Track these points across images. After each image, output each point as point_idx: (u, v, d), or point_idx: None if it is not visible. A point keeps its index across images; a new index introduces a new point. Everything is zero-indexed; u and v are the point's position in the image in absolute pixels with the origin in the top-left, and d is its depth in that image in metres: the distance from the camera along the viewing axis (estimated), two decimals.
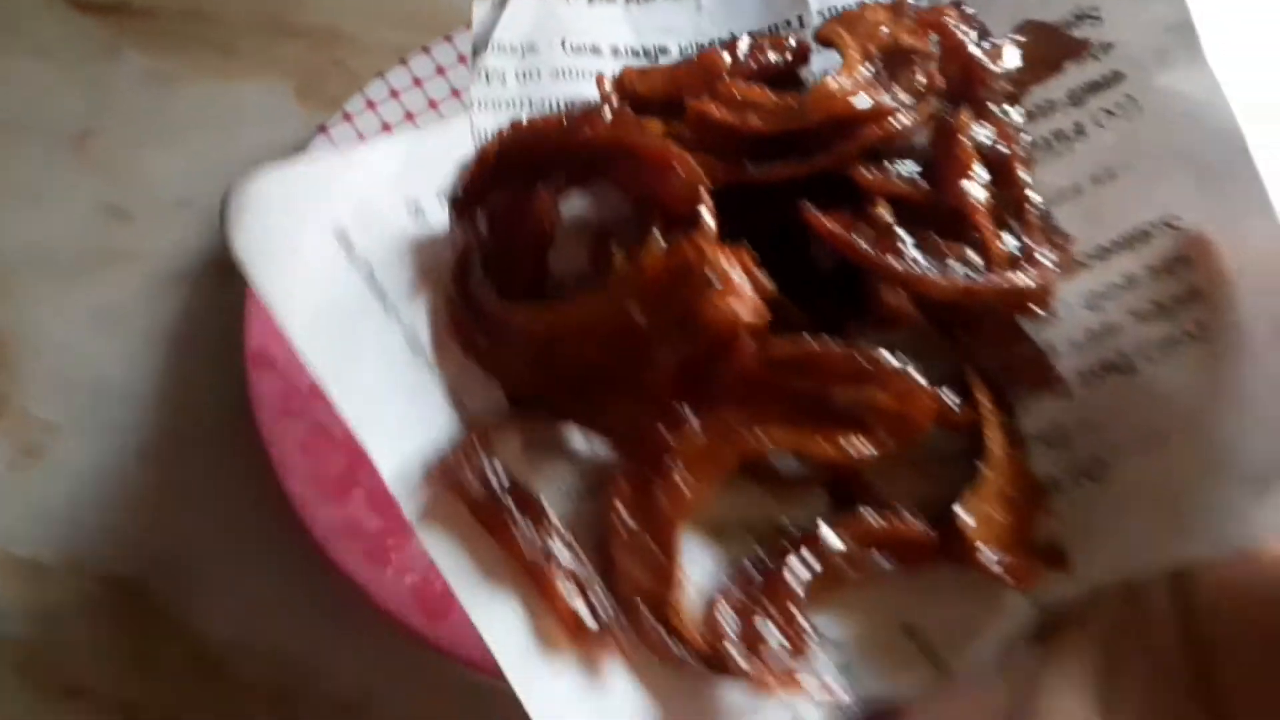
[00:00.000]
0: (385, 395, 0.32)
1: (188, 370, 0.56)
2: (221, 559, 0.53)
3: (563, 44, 0.39)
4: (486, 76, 0.38)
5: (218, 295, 0.57)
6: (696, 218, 0.31)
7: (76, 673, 0.50)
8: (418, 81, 0.57)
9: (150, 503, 0.53)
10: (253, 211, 0.32)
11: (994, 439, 0.32)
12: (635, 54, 0.40)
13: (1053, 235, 0.34)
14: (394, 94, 0.57)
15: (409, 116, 0.56)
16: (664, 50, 0.40)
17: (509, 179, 0.33)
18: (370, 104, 0.56)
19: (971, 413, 0.33)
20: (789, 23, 0.40)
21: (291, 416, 0.52)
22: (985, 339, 0.33)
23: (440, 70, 0.57)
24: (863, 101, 0.32)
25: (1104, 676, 0.31)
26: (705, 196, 0.31)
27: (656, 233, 0.30)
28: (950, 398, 0.32)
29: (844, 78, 0.34)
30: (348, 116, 0.56)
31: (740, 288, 0.29)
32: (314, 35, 0.63)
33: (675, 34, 0.40)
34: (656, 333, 0.30)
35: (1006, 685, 0.32)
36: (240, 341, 0.52)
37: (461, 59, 0.55)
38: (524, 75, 0.39)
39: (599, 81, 0.37)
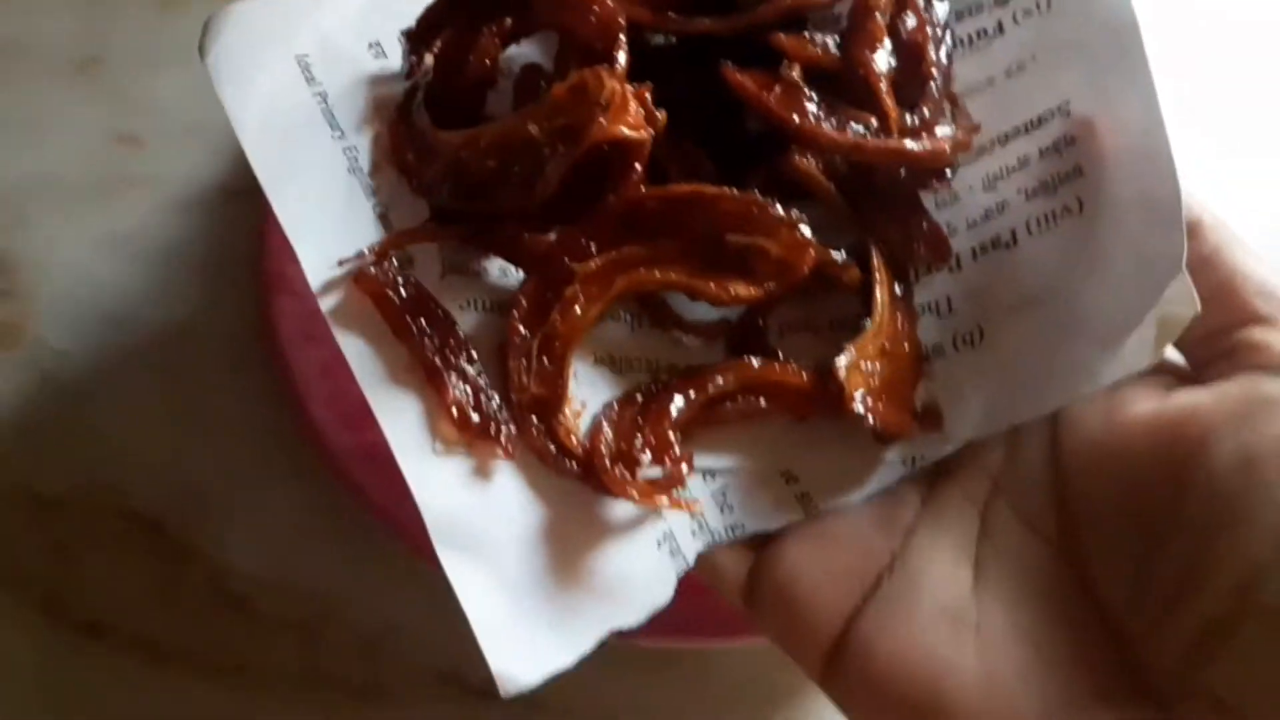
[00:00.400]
0: (320, 204, 0.34)
1: (205, 296, 0.54)
2: (242, 489, 0.51)
3: None
4: None
5: (234, 220, 0.56)
6: (612, 57, 0.33)
7: (98, 609, 0.49)
8: None
9: (168, 432, 0.52)
10: (226, 33, 0.35)
11: (882, 298, 0.34)
12: None
13: (959, 117, 0.35)
14: None
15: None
16: None
17: (459, 17, 0.36)
18: None
19: (864, 276, 0.35)
20: None
21: (312, 341, 0.50)
22: (888, 211, 0.35)
23: None
24: None
25: (977, 535, 0.33)
26: (620, 39, 0.33)
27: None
28: (842, 256, 0.34)
29: None
30: None
31: (628, 110, 0.31)
32: None
33: None
34: (548, 144, 0.32)
35: (882, 535, 0.33)
36: (258, 266, 0.52)
37: None
38: None
39: None
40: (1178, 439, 0.29)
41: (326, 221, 0.34)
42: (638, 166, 0.32)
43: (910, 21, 0.36)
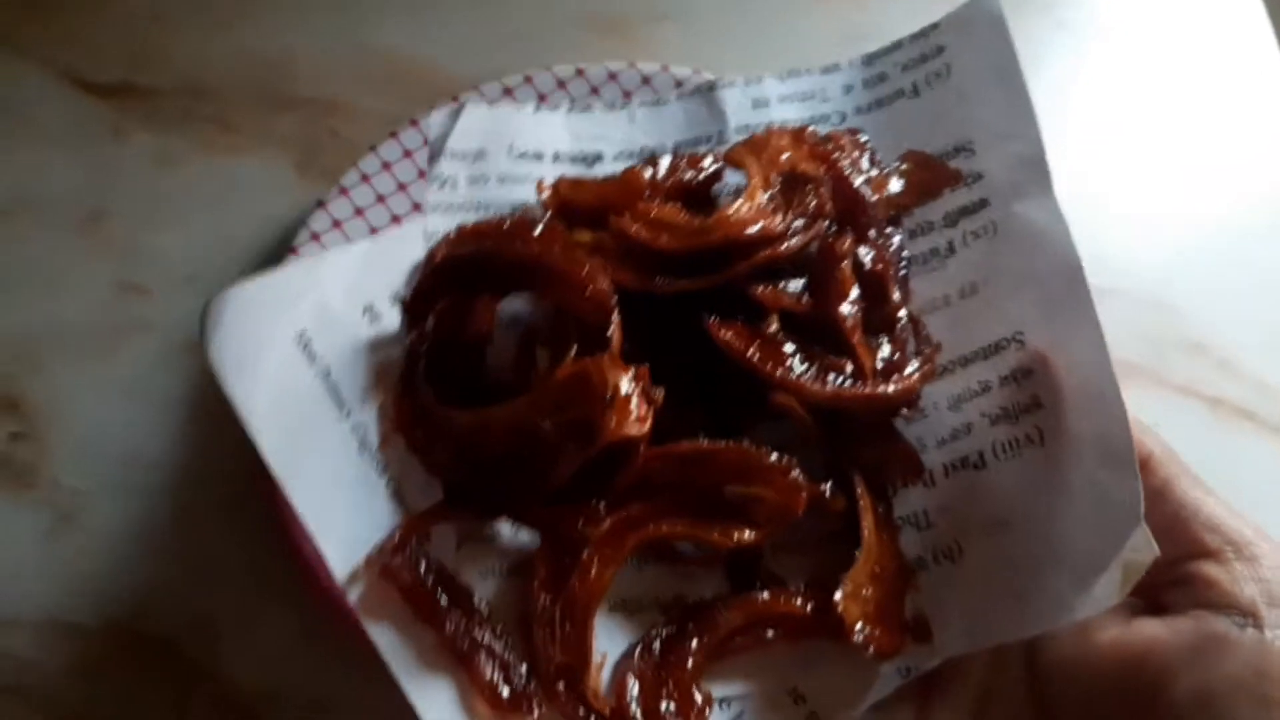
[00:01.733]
0: (335, 490, 0.35)
1: (208, 435, 0.58)
2: (247, 613, 0.54)
3: (509, 150, 0.44)
4: (440, 183, 0.43)
5: None
6: (605, 333, 0.35)
7: None
8: (408, 153, 0.59)
9: (179, 564, 0.55)
10: (225, 321, 0.35)
11: (868, 526, 0.37)
12: (573, 159, 0.45)
13: (922, 344, 0.38)
14: (386, 166, 0.59)
15: (401, 188, 0.59)
16: (599, 156, 0.45)
17: (453, 285, 0.38)
18: (365, 177, 0.59)
19: (849, 500, 0.37)
20: (710, 136, 0.45)
21: None
22: (863, 436, 0.38)
23: (427, 141, 0.57)
24: (757, 229, 0.37)
25: None
26: (614, 315, 0.35)
27: (574, 350, 0.35)
28: (830, 488, 0.37)
29: (744, 204, 0.38)
30: (344, 191, 0.59)
31: (631, 407, 0.34)
32: (308, 107, 0.66)
33: (609, 141, 0.45)
34: (560, 436, 0.34)
35: None
36: None
37: None
38: (473, 180, 0.43)
39: (538, 186, 0.42)
40: (1140, 671, 0.32)
41: (343, 508, 0.36)
42: (641, 450, 0.34)
43: (870, 256, 0.38)
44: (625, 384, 0.34)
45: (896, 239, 0.40)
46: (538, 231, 0.38)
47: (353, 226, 0.58)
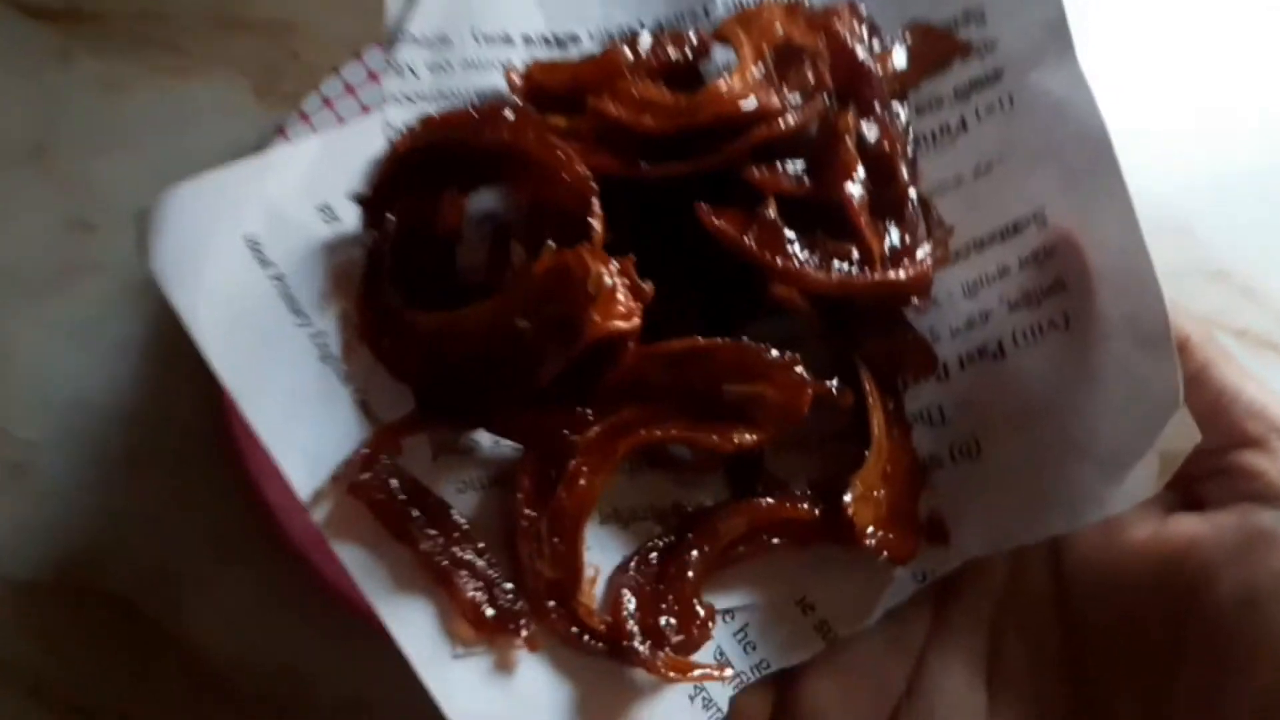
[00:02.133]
0: (296, 406, 0.33)
1: (164, 381, 0.56)
2: (210, 571, 0.53)
3: (473, 33, 0.40)
4: (399, 70, 0.39)
5: None
6: (586, 223, 0.32)
7: (82, 693, 0.51)
8: (373, 75, 0.54)
9: (137, 517, 0.54)
10: (167, 226, 0.33)
11: (877, 423, 0.34)
12: (546, 41, 0.41)
13: (933, 227, 0.35)
14: (350, 89, 0.55)
15: (366, 112, 0.54)
16: (574, 38, 0.41)
17: (416, 179, 0.34)
18: (327, 101, 0.55)
19: (857, 397, 0.35)
20: (696, 12, 0.41)
21: None
22: (871, 328, 0.35)
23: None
24: (750, 104, 0.34)
25: (988, 655, 0.34)
26: (595, 203, 0.32)
27: (550, 243, 0.32)
28: (836, 385, 0.34)
29: (735, 79, 0.35)
30: (304, 116, 0.55)
31: (617, 300, 0.31)
32: (267, 28, 0.62)
33: (585, 21, 0.41)
34: (540, 338, 0.31)
35: (896, 661, 0.34)
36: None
37: None
38: (436, 67, 0.39)
39: (507, 75, 0.38)
40: (1179, 571, 0.30)
41: (305, 424, 0.33)
42: (630, 347, 0.31)
43: (875, 133, 0.35)
44: (609, 276, 0.31)
45: (902, 115, 0.36)
46: (508, 118, 0.35)
47: None
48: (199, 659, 0.52)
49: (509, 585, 0.33)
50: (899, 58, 0.37)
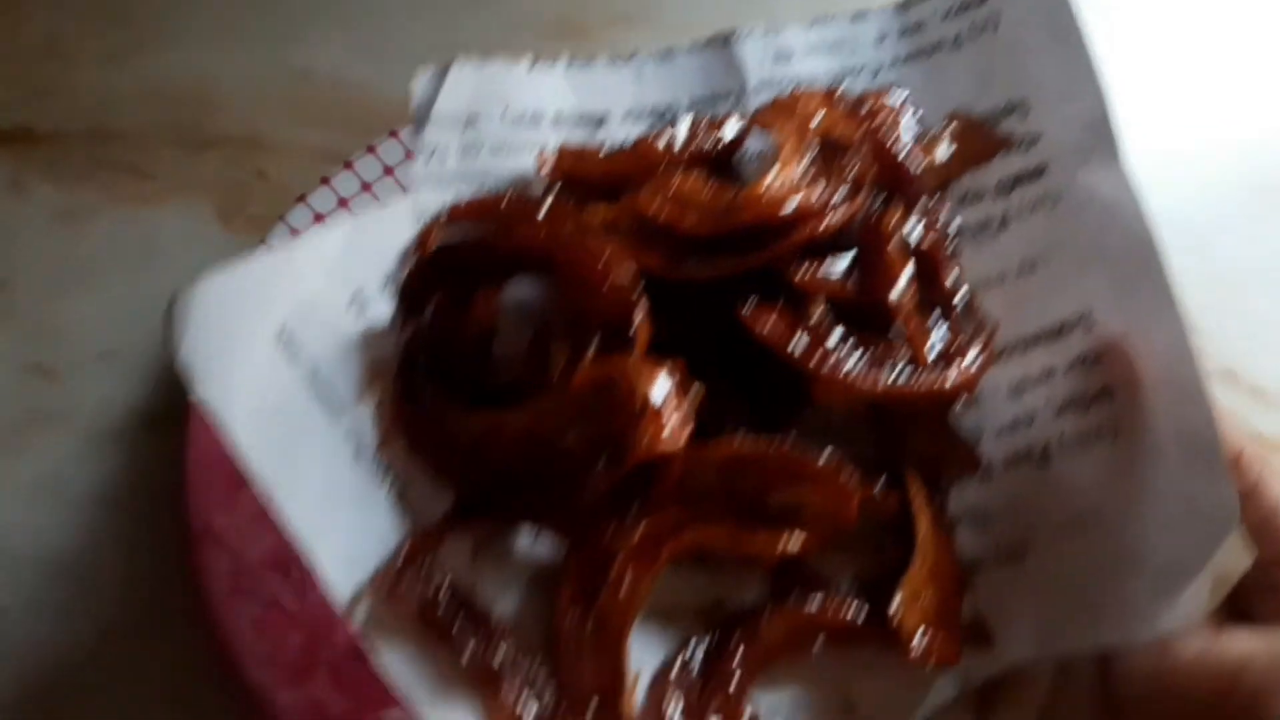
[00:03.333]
0: (330, 503, 0.32)
1: (133, 537, 0.53)
2: None
3: (504, 113, 0.40)
4: (428, 153, 0.39)
5: (154, 452, 0.54)
6: (628, 331, 0.32)
7: None
8: (343, 202, 0.53)
9: (108, 688, 0.50)
10: (194, 319, 0.32)
11: (922, 526, 0.34)
12: (576, 121, 0.41)
13: (978, 324, 0.35)
14: (318, 218, 0.54)
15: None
16: (604, 116, 0.41)
17: (449, 275, 0.34)
18: (294, 232, 0.53)
19: (901, 497, 0.34)
20: (731, 91, 0.41)
21: (242, 595, 0.49)
22: (915, 429, 0.35)
23: (366, 186, 0.53)
24: (792, 205, 0.33)
25: None
26: (637, 314, 0.32)
27: (591, 351, 0.31)
28: (881, 487, 0.34)
29: (776, 176, 0.35)
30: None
31: (664, 420, 0.30)
32: (230, 145, 0.59)
33: (615, 98, 0.41)
34: (584, 451, 0.31)
35: None
36: (178, 508, 0.50)
37: (387, 170, 0.52)
38: (466, 149, 0.39)
39: (539, 158, 0.38)
40: (1233, 692, 0.29)
41: (340, 523, 0.32)
42: (678, 461, 0.31)
43: (918, 231, 0.35)
44: (657, 392, 0.30)
45: (945, 210, 0.36)
46: (543, 213, 0.34)
47: None
48: None
49: (550, 689, 0.32)
50: (941, 150, 0.36)
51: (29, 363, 0.55)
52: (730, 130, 0.38)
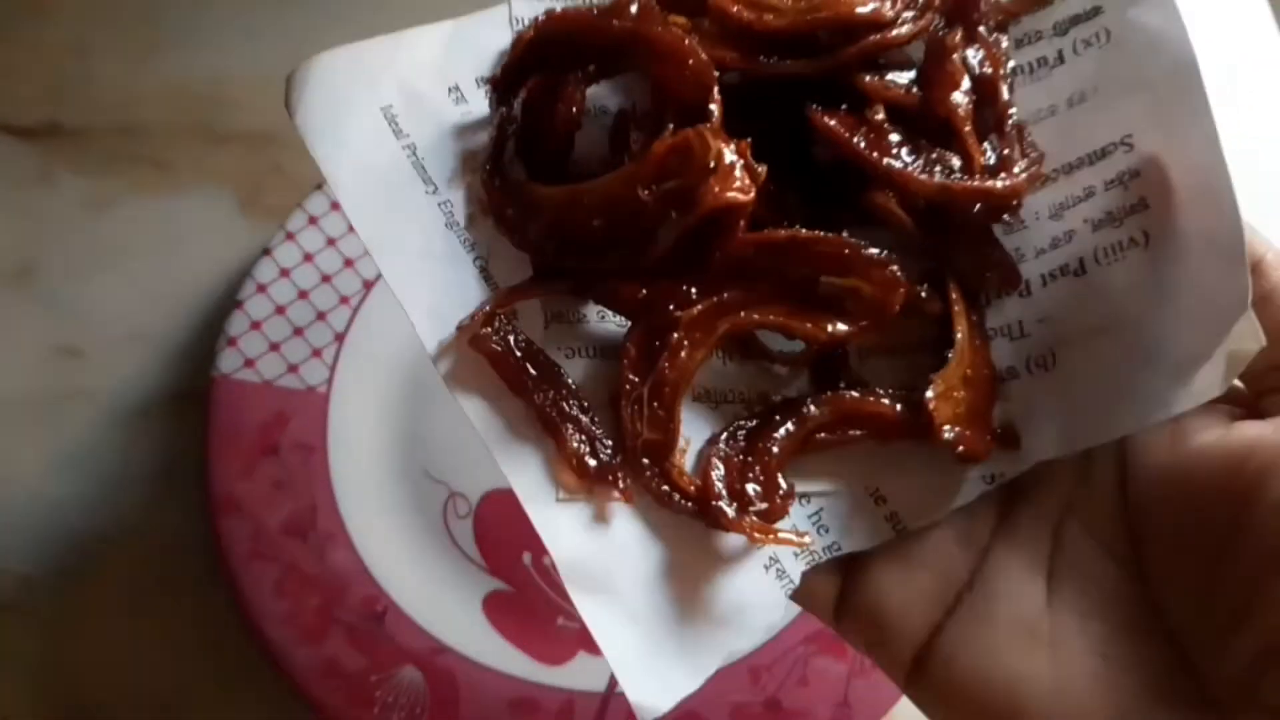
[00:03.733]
0: (423, 262, 0.35)
1: (157, 510, 0.56)
2: (209, 706, 0.53)
3: None
4: None
5: (176, 427, 0.57)
6: (706, 109, 0.34)
7: None
8: None
9: (132, 652, 0.53)
10: (310, 87, 0.35)
11: (961, 330, 0.36)
12: None
13: (1027, 149, 0.37)
14: (335, 205, 0.57)
15: (353, 228, 0.58)
16: None
17: (542, 66, 0.36)
18: (312, 219, 0.58)
19: (943, 305, 0.37)
20: None
21: (261, 559, 0.52)
22: (961, 242, 0.37)
23: None
24: (867, 9, 0.36)
25: (1050, 552, 0.35)
26: (714, 90, 0.34)
27: (671, 126, 0.34)
28: (925, 290, 0.36)
29: None
30: (290, 235, 0.57)
31: (735, 175, 0.32)
32: (248, 140, 0.62)
33: None
34: (658, 209, 0.33)
35: (960, 554, 0.36)
36: (200, 479, 0.54)
37: None
38: None
39: None
40: (1239, 472, 0.31)
41: (432, 281, 0.35)
42: (741, 224, 0.34)
43: (979, 56, 0.37)
44: (729, 152, 0.33)
45: (1004, 44, 0.38)
46: (633, 10, 0.37)
47: (302, 273, 0.57)
48: None
49: (609, 442, 0.35)
50: None
51: (58, 343, 0.58)
52: None
